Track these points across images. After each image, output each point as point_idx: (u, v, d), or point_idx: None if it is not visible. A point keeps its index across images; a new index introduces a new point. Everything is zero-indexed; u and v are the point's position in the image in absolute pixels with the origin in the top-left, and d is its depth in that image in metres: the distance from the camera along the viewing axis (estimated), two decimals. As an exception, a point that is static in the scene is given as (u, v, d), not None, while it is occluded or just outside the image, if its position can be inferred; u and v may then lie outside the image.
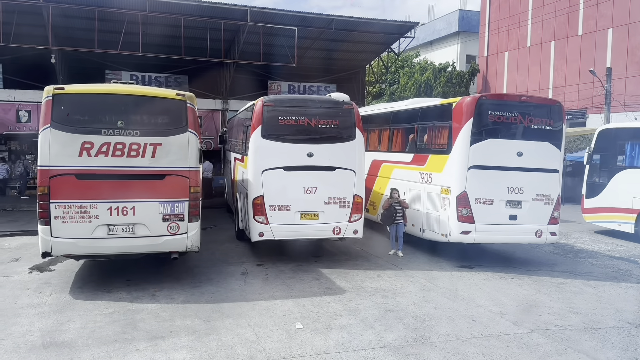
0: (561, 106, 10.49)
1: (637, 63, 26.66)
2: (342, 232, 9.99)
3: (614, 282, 9.56)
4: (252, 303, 7.55)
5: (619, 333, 6.81)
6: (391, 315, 7.17)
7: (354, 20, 18.94)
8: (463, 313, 7.37)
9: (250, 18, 17.06)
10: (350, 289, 8.44)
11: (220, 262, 10.02)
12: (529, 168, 10.13)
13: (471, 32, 39.55)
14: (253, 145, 9.74)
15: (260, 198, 9.62)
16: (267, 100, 9.85)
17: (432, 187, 10.89)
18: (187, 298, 7.78)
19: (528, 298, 8.27)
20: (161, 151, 7.92)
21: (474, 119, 9.93)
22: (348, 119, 10.12)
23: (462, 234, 10.07)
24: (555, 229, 10.43)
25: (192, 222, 8.17)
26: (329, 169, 9.91)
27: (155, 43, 17.82)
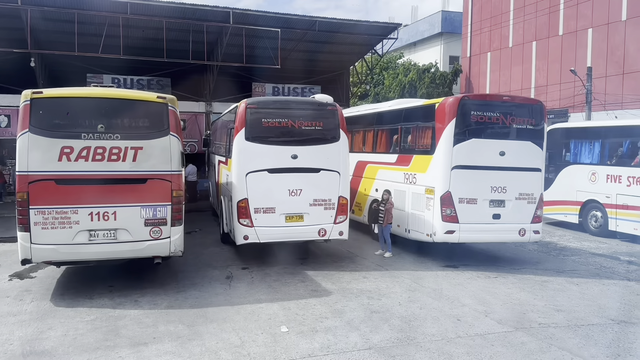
0: (543, 106, 10.59)
1: (616, 62, 27.07)
2: (328, 233, 9.97)
3: (596, 279, 9.67)
4: (237, 307, 7.49)
5: (602, 330, 6.88)
6: (377, 317, 7.16)
7: (337, 22, 18.96)
8: (448, 313, 7.39)
9: (232, 20, 16.97)
10: (336, 290, 8.41)
11: (205, 266, 9.93)
12: (511, 167, 10.21)
13: (454, 33, 39.85)
14: (237, 147, 9.68)
15: (244, 201, 9.56)
16: (250, 102, 9.79)
17: (417, 187, 10.92)
18: (171, 303, 7.69)
19: (512, 296, 8.32)
20: (142, 155, 7.82)
21: (456, 119, 9.98)
22: (332, 120, 10.10)
23: (447, 233, 10.11)
24: (538, 227, 10.53)
25: (175, 226, 8.08)
26: (314, 171, 9.89)
27: (137, 46, 17.65)
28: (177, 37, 17.80)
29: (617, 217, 13.48)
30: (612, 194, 13.55)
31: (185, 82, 19.70)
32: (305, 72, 22.24)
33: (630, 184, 13.10)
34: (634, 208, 13.01)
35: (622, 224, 13.37)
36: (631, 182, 13.07)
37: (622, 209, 13.32)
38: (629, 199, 13.11)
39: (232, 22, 16.98)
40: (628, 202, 13.14)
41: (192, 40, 17.32)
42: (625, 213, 13.24)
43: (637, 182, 12.92)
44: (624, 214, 13.28)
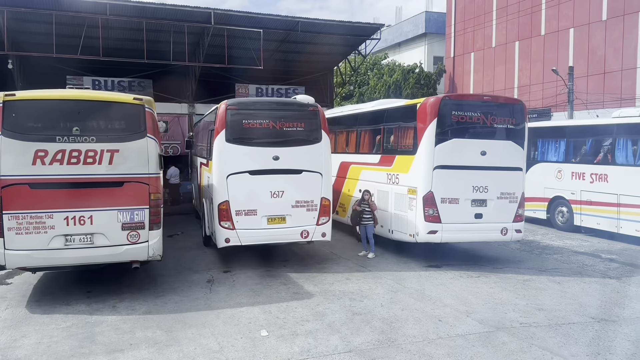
0: (523, 105, 10.63)
1: (597, 62, 27.41)
2: (310, 235, 9.90)
3: (578, 277, 9.72)
4: (216, 312, 7.38)
5: (583, 328, 6.89)
6: (358, 319, 7.10)
7: (320, 22, 18.89)
8: (430, 313, 7.36)
9: (214, 21, 16.82)
10: (318, 293, 8.34)
11: (186, 270, 9.80)
12: (493, 167, 10.23)
13: (438, 34, 40.05)
14: (217, 149, 9.57)
15: (225, 203, 9.45)
16: (230, 103, 9.69)
17: (399, 187, 10.90)
18: (150, 308, 7.55)
19: (494, 296, 8.32)
20: (119, 158, 7.67)
21: (438, 119, 9.97)
22: (313, 121, 10.04)
23: (430, 233, 10.10)
24: (520, 226, 10.57)
25: (154, 230, 7.93)
26: (296, 172, 9.81)
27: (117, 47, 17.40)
28: (157, 38, 17.59)
29: (582, 212, 14.15)
30: (577, 191, 14.17)
31: (168, 84, 19.49)
32: (289, 73, 22.15)
33: (593, 181, 13.70)
34: (596, 204, 13.62)
35: (586, 219, 14.03)
36: (594, 179, 13.67)
37: (586, 205, 13.96)
38: (592, 195, 13.72)
39: (214, 23, 16.83)
40: (591, 198, 13.76)
41: (174, 41, 17.12)
42: (589, 209, 13.90)
43: (600, 179, 13.51)
44: (588, 209, 13.94)
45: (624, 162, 12.99)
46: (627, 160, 12.95)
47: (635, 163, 12.74)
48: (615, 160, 13.23)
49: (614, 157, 13.25)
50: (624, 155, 13.03)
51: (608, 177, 13.33)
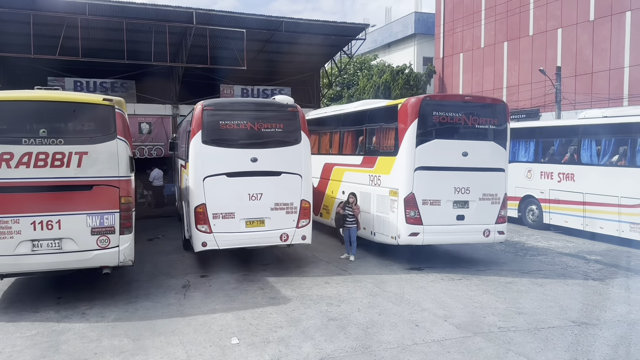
0: (505, 106, 10.51)
1: (585, 62, 27.43)
2: (290, 238, 9.71)
3: (561, 279, 9.60)
4: (188, 318, 7.17)
5: (562, 332, 6.75)
6: (334, 324, 6.92)
7: (304, 22, 18.70)
8: (407, 318, 7.20)
9: (196, 20, 16.58)
10: (295, 297, 8.16)
11: (162, 275, 9.58)
12: (474, 168, 10.10)
13: (427, 34, 40.00)
14: (193, 151, 9.36)
15: (202, 206, 9.23)
16: (207, 104, 9.48)
17: (381, 189, 10.74)
18: (120, 315, 7.34)
19: (474, 299, 8.17)
20: (88, 160, 7.46)
21: (418, 120, 9.83)
22: (293, 122, 9.86)
23: (411, 235, 9.94)
24: (503, 227, 10.44)
25: (125, 234, 7.73)
26: (275, 174, 9.63)
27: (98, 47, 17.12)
28: (139, 38, 17.33)
29: (550, 211, 14.58)
30: (546, 190, 14.61)
31: (151, 85, 19.22)
32: (275, 74, 21.94)
33: (560, 180, 14.13)
34: (564, 202, 14.07)
35: (554, 217, 14.47)
36: (561, 178, 14.11)
37: (554, 203, 14.40)
38: (560, 194, 14.16)
39: (196, 23, 16.59)
40: (559, 197, 14.21)
41: (156, 42, 16.87)
42: (557, 207, 14.34)
43: (566, 178, 13.96)
44: (556, 207, 14.38)
45: (588, 162, 13.40)
46: (591, 160, 13.36)
47: (599, 163, 13.12)
48: (580, 160, 13.60)
49: (580, 157, 13.62)
50: (589, 155, 13.43)
51: (574, 177, 13.75)
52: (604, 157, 13.08)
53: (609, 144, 12.98)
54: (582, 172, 13.52)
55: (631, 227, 12.23)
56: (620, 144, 12.71)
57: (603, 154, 13.08)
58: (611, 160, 12.90)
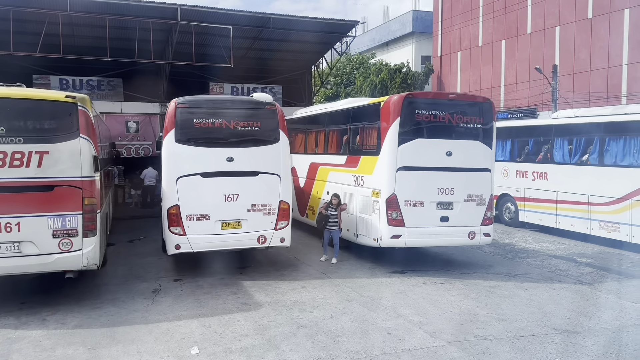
0: (491, 104, 10.16)
1: (583, 60, 27.04)
2: (268, 240, 9.39)
3: (548, 283, 9.27)
4: (151, 325, 6.86)
5: (541, 341, 6.42)
6: (302, 332, 6.60)
7: (292, 19, 18.35)
8: (380, 325, 6.87)
9: (181, 17, 16.27)
10: (268, 303, 7.84)
11: (135, 278, 9.27)
12: (459, 168, 9.77)
13: (425, 33, 39.63)
14: (166, 150, 9.04)
15: (175, 207, 8.92)
16: (180, 101, 9.16)
17: (364, 190, 10.43)
18: (81, 322, 7.03)
19: (454, 305, 7.83)
20: (49, 160, 7.15)
21: (401, 118, 9.50)
22: (271, 120, 9.53)
23: (393, 238, 9.62)
24: (489, 229, 10.10)
25: (88, 237, 7.41)
26: (252, 174, 9.31)
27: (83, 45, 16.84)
28: (123, 35, 17.04)
29: (525, 209, 14.86)
30: (521, 188, 14.89)
31: (139, 83, 18.92)
32: (266, 72, 21.61)
33: (535, 179, 14.41)
34: (538, 200, 14.33)
35: (529, 215, 14.74)
36: (535, 177, 14.39)
37: (529, 202, 14.67)
38: (534, 192, 14.44)
39: (181, 19, 16.28)
40: (534, 195, 14.47)
41: (139, 39, 16.56)
42: (532, 205, 14.61)
43: (540, 177, 14.25)
44: (531, 206, 14.65)
45: (560, 161, 13.67)
46: (563, 159, 13.64)
47: (570, 162, 13.40)
48: (553, 159, 13.86)
49: (553, 156, 13.87)
50: (561, 154, 13.70)
51: (547, 175, 14.03)
52: (575, 156, 13.32)
53: (579, 143, 13.23)
54: (555, 171, 13.80)
55: (600, 225, 12.47)
56: (590, 143, 12.92)
57: (574, 153, 13.32)
58: (582, 160, 13.12)
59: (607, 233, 12.35)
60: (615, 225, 12.12)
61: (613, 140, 12.25)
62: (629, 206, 11.74)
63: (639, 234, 11.60)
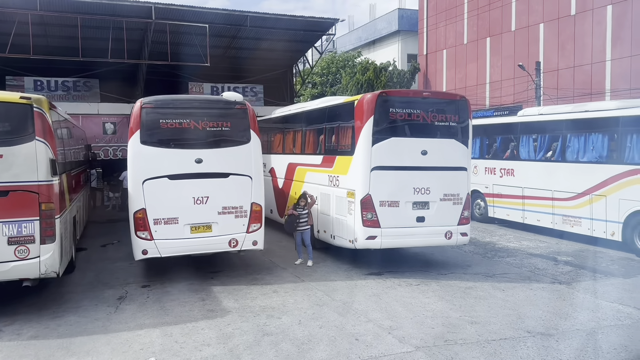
0: (466, 101, 9.98)
1: (567, 57, 27.03)
2: (240, 244, 9.14)
3: (526, 283, 9.11)
4: (110, 335, 6.58)
5: (513, 345, 6.23)
6: (267, 340, 6.36)
7: (270, 17, 18.07)
8: (349, 331, 6.65)
9: (155, 15, 15.93)
10: (236, 309, 7.58)
11: (101, 285, 8.97)
12: (434, 167, 9.59)
13: (411, 31, 39.50)
14: (131, 152, 8.75)
15: (142, 211, 8.63)
16: (146, 101, 8.89)
17: (340, 190, 10.21)
18: (38, 332, 6.73)
19: (427, 307, 7.63)
20: (3, 164, 6.86)
21: (374, 117, 9.29)
22: (241, 120, 9.28)
23: (368, 239, 9.41)
24: (466, 229, 9.93)
25: (46, 244, 7.12)
26: (222, 176, 9.05)
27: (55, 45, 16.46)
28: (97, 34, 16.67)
29: (494, 205, 15.27)
30: (490, 185, 15.25)
31: (116, 83, 18.55)
32: (246, 71, 21.30)
33: (502, 175, 14.79)
34: (505, 196, 14.71)
35: (498, 211, 15.15)
36: (503, 174, 14.75)
37: (497, 198, 15.06)
38: (502, 188, 14.82)
39: (155, 18, 15.94)
40: (501, 192, 14.85)
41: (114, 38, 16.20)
42: (500, 201, 15.02)
43: (507, 173, 14.62)
44: (499, 202, 15.06)
45: (526, 158, 14.02)
46: (529, 155, 13.97)
47: (535, 158, 13.76)
48: (519, 156, 14.23)
49: (519, 153, 14.24)
50: (526, 151, 14.05)
51: (514, 172, 14.41)
52: (539, 153, 13.66)
53: (543, 140, 13.58)
54: (521, 167, 14.17)
55: (563, 220, 12.80)
56: (553, 140, 13.25)
57: (539, 150, 13.67)
58: (546, 156, 13.48)
59: (570, 227, 12.65)
60: (577, 220, 12.45)
61: (574, 137, 12.55)
62: (590, 201, 12.05)
63: (599, 227, 11.90)
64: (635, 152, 11.09)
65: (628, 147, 11.25)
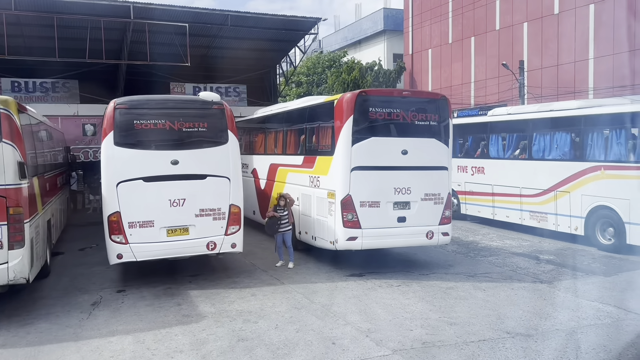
0: (446, 100, 9.91)
1: (550, 56, 27.18)
2: (218, 247, 8.97)
3: (507, 282, 9.05)
4: (81, 343, 6.39)
5: (492, 347, 6.14)
6: (241, 346, 6.21)
7: (252, 16, 17.90)
8: (326, 334, 6.52)
9: (133, 15, 15.68)
10: (212, 314, 7.42)
11: (76, 290, 8.75)
12: (415, 167, 9.50)
13: (397, 31, 39.54)
14: (105, 154, 8.55)
15: (116, 214, 8.44)
16: (120, 102, 8.69)
17: (320, 191, 10.09)
18: (5, 341, 6.52)
19: (407, 309, 7.53)
20: (-33, 168, 6.64)
21: (354, 117, 9.18)
22: (218, 120, 9.12)
23: (349, 240, 9.30)
24: (447, 229, 9.86)
25: (15, 249, 6.92)
26: (199, 178, 8.88)
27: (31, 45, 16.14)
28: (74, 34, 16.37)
29: (466, 202, 15.63)
30: (462, 183, 15.52)
31: (96, 84, 18.22)
32: (229, 71, 21.07)
33: (473, 173, 15.16)
34: (477, 194, 15.09)
35: (469, 208, 15.53)
36: (474, 172, 15.14)
37: (469, 195, 15.42)
38: (473, 186, 15.21)
39: (134, 17, 15.69)
40: (473, 189, 15.25)
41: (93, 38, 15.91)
42: (472, 198, 15.37)
43: (478, 171, 15.02)
44: (471, 199, 15.42)
45: (495, 156, 14.47)
46: (498, 154, 14.43)
47: (504, 156, 14.20)
48: (489, 155, 14.65)
49: (489, 152, 14.67)
50: (496, 149, 14.49)
51: (484, 170, 14.79)
52: (508, 151, 14.12)
53: (512, 139, 14.01)
54: (491, 165, 14.58)
55: (530, 215, 13.19)
56: (521, 139, 13.65)
57: (507, 149, 14.13)
58: (514, 154, 13.91)
59: (536, 223, 13.03)
60: (543, 215, 12.83)
61: (540, 135, 12.92)
62: (555, 197, 12.44)
63: (563, 222, 12.30)
64: (596, 149, 11.48)
65: (589, 145, 11.64)
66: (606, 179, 11.21)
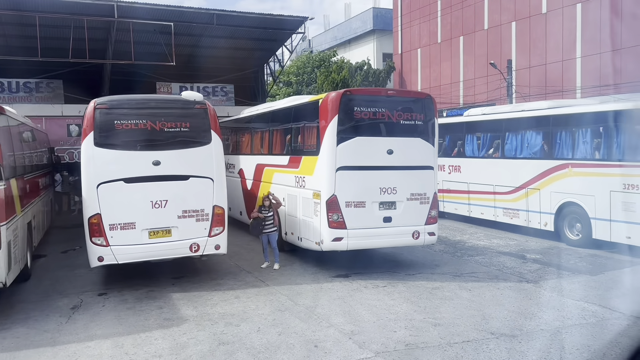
0: (432, 99, 9.85)
1: (539, 55, 27.27)
2: (202, 248, 8.85)
3: (493, 282, 9.01)
4: (58, 348, 6.25)
5: (476, 347, 6.09)
6: (222, 350, 6.10)
7: (238, 15, 17.75)
8: (309, 337, 6.43)
9: (117, 14, 15.48)
10: (194, 317, 7.30)
11: (56, 293, 8.60)
12: (400, 166, 9.44)
13: (386, 30, 39.52)
14: (85, 154, 8.40)
15: (96, 216, 8.29)
16: (100, 101, 8.55)
17: (306, 191, 10.00)
18: (-20, 347, 6.37)
19: (392, 310, 7.46)
20: (-61, 170, 6.46)
21: (339, 116, 9.11)
22: (201, 120, 8.99)
23: (334, 241, 9.22)
24: (433, 228, 9.80)
25: (-11, 253, 6.74)
26: (181, 178, 8.75)
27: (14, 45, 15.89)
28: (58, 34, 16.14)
29: (444, 200, 15.73)
30: (440, 181, 15.17)
31: (80, 84, 17.97)
32: (217, 71, 20.91)
33: (450, 172, 15.53)
34: (454, 192, 15.46)
35: (447, 205, 15.78)
36: (451, 170, 15.52)
37: (447, 193, 15.67)
38: (450, 184, 15.55)
39: (118, 16, 15.49)
40: (450, 187, 15.58)
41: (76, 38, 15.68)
42: (449, 196, 15.68)
43: (455, 170, 15.41)
44: (448, 197, 15.70)
45: (471, 155, 14.94)
46: (473, 153, 14.90)
47: (478, 155, 14.68)
48: (465, 153, 15.11)
49: (465, 151, 15.12)
50: (471, 148, 14.96)
51: (461, 168, 15.20)
52: (482, 150, 14.59)
53: (486, 138, 14.47)
54: (466, 164, 15.03)
55: (504, 212, 13.61)
56: (495, 138, 14.10)
57: (482, 148, 14.60)
58: (488, 153, 14.36)
59: (509, 219, 13.46)
60: (515, 212, 13.24)
61: (512, 134, 13.38)
62: (526, 194, 12.87)
63: (534, 219, 12.71)
64: (564, 148, 11.93)
65: (558, 143, 12.08)
66: (573, 177, 11.60)
